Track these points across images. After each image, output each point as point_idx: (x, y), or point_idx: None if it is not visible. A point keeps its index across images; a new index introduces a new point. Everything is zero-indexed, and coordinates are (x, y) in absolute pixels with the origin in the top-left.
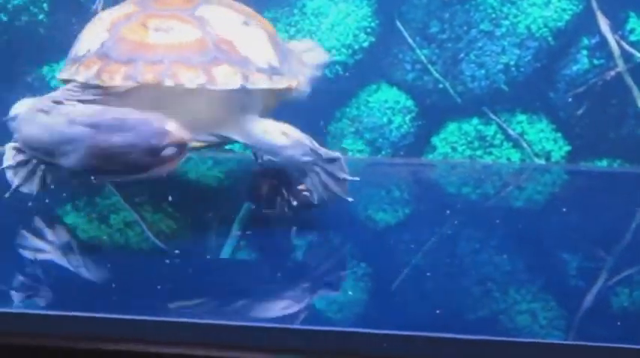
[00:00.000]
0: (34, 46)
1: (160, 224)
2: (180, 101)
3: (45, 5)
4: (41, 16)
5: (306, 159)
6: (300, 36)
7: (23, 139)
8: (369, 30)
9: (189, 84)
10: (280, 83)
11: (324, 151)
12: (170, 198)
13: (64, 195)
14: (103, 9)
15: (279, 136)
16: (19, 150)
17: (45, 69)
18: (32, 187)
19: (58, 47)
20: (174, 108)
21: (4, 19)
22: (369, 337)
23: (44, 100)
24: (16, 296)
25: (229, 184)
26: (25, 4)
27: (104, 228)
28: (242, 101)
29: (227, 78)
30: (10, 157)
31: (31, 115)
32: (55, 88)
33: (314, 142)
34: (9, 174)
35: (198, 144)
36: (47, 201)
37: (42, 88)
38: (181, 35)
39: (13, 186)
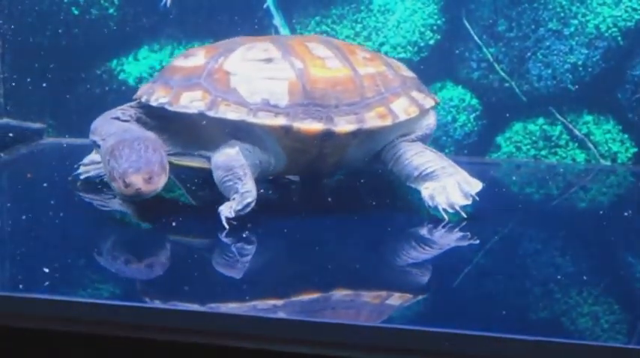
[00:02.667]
0: (104, 40)
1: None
2: (192, 131)
3: None
4: (111, 10)
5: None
6: (365, 33)
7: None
8: (435, 27)
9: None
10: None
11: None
12: None
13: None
14: (172, 3)
15: (219, 155)
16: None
17: (114, 62)
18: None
19: (127, 41)
20: (184, 136)
21: (76, 12)
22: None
23: (117, 109)
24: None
25: None
26: None
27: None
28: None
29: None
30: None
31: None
32: (122, 81)
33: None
34: (81, 167)
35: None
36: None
37: (110, 80)
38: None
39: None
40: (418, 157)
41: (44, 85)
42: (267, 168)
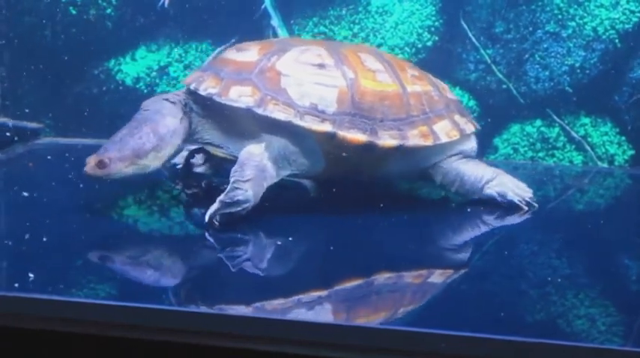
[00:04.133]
0: (102, 40)
1: None
2: (234, 124)
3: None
4: (109, 10)
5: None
6: (363, 34)
7: None
8: (433, 29)
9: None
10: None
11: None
12: None
13: None
14: (170, 3)
15: (244, 151)
16: None
17: (111, 62)
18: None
19: (125, 41)
20: (226, 128)
21: (74, 12)
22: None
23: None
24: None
25: None
26: None
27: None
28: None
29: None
30: None
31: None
32: (120, 81)
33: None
34: None
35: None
36: None
37: (108, 80)
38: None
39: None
40: (477, 169)
41: (41, 84)
42: (303, 170)
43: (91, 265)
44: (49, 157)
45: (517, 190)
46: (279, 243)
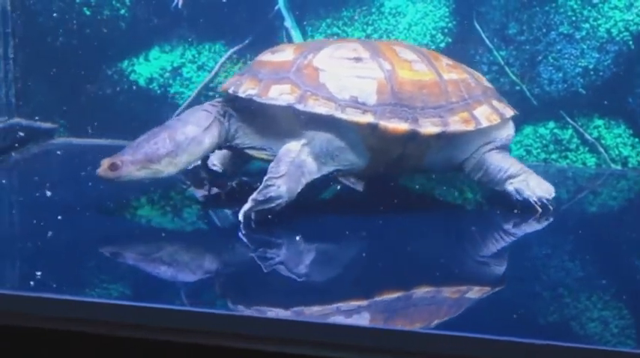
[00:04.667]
0: (115, 40)
1: None
2: (274, 125)
3: (127, 0)
4: (123, 11)
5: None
6: (376, 35)
7: None
8: (446, 30)
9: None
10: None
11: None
12: None
13: None
14: (184, 4)
15: (282, 150)
16: None
17: (125, 63)
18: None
19: (139, 41)
20: (266, 130)
21: (88, 12)
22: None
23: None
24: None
25: None
26: None
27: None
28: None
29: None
30: None
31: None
32: (133, 82)
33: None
34: None
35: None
36: None
37: (121, 81)
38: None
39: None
40: (504, 161)
41: (55, 85)
42: (347, 165)
43: (121, 266)
44: (62, 157)
45: (537, 190)
46: (310, 244)
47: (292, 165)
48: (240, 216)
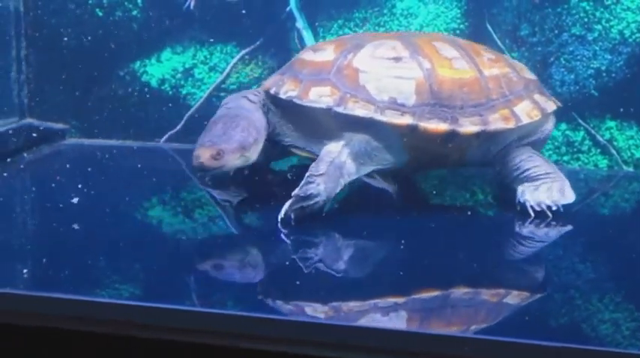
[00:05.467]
0: (127, 41)
1: None
2: (314, 124)
3: (139, 1)
4: (135, 12)
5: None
6: None
7: None
8: (458, 32)
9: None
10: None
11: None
12: None
13: None
14: (196, 5)
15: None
16: None
17: (137, 64)
18: None
19: (151, 43)
20: (306, 128)
21: (100, 14)
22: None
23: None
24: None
25: None
26: (120, 0)
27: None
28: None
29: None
30: None
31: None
32: (145, 83)
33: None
34: None
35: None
36: None
37: (133, 82)
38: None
39: None
40: (527, 162)
41: (67, 85)
42: (386, 164)
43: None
44: (74, 157)
45: (542, 196)
46: (346, 244)
47: (332, 166)
48: (282, 213)
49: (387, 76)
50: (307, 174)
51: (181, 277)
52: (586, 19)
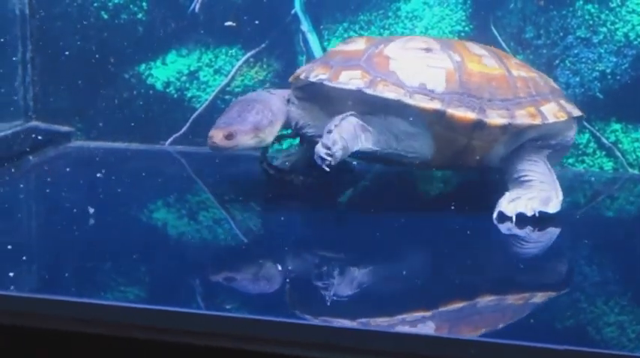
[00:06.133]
0: (132, 44)
1: None
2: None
3: (144, 4)
4: (140, 15)
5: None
6: None
7: None
8: (463, 34)
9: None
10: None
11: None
12: None
13: None
14: (201, 8)
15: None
16: None
17: (142, 66)
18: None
19: (156, 45)
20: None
21: (105, 16)
22: None
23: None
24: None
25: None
26: (125, 2)
27: None
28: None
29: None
30: None
31: None
32: (150, 86)
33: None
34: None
35: None
36: None
37: (138, 84)
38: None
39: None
40: (528, 164)
41: (72, 88)
42: (411, 153)
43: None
44: (79, 160)
45: (514, 203)
46: (364, 248)
47: (346, 121)
48: (322, 153)
49: (418, 64)
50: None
51: (185, 280)
52: (591, 22)
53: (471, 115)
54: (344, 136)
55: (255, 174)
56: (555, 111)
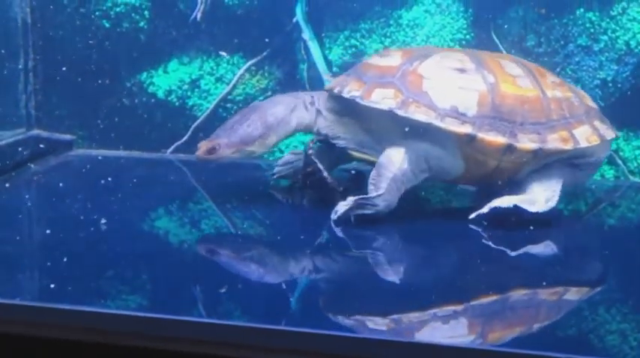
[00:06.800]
0: (134, 52)
1: None
2: (374, 126)
3: (146, 13)
4: (142, 23)
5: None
6: (394, 48)
7: None
8: (464, 42)
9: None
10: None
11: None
12: None
13: None
14: (203, 16)
15: (384, 155)
16: None
17: (144, 75)
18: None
19: (157, 54)
20: (366, 130)
21: (107, 25)
22: None
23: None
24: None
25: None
26: (127, 11)
27: None
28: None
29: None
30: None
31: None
32: (151, 94)
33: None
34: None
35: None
36: None
37: (140, 93)
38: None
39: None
40: (540, 175)
41: (74, 97)
42: (441, 173)
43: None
44: (81, 168)
45: (500, 201)
46: (405, 246)
47: (393, 181)
48: (334, 215)
49: (451, 85)
50: (372, 186)
51: (187, 288)
52: (592, 30)
53: (501, 140)
54: (388, 200)
55: (256, 182)
56: (588, 135)
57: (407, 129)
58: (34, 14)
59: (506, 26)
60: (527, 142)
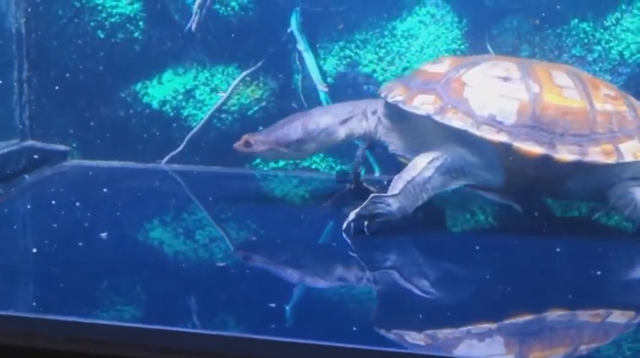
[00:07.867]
0: (129, 63)
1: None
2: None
3: (141, 23)
4: (137, 34)
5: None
6: (389, 58)
7: None
8: (458, 53)
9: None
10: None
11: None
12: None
13: None
14: (197, 27)
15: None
16: None
17: (138, 85)
18: None
19: (152, 64)
20: (413, 135)
21: (102, 35)
22: None
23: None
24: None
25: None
26: (122, 22)
27: None
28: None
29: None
30: None
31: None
32: (146, 104)
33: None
34: None
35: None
36: None
37: (134, 103)
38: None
39: None
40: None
41: (69, 107)
42: (480, 181)
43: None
44: (75, 179)
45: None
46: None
47: (410, 184)
48: (345, 226)
49: (492, 93)
50: (373, 195)
51: (182, 299)
52: (586, 40)
53: (537, 150)
54: (404, 204)
55: (251, 193)
56: (635, 150)
57: (446, 137)
58: (29, 25)
59: (500, 36)
60: (565, 154)
